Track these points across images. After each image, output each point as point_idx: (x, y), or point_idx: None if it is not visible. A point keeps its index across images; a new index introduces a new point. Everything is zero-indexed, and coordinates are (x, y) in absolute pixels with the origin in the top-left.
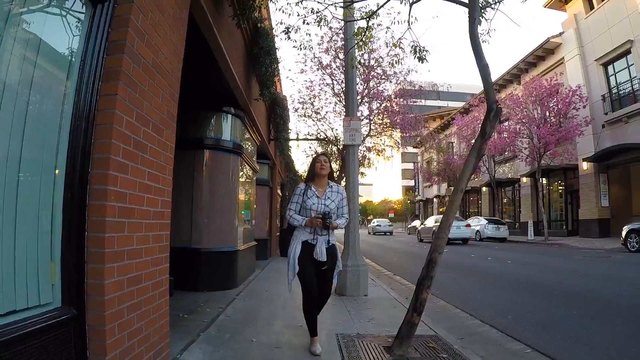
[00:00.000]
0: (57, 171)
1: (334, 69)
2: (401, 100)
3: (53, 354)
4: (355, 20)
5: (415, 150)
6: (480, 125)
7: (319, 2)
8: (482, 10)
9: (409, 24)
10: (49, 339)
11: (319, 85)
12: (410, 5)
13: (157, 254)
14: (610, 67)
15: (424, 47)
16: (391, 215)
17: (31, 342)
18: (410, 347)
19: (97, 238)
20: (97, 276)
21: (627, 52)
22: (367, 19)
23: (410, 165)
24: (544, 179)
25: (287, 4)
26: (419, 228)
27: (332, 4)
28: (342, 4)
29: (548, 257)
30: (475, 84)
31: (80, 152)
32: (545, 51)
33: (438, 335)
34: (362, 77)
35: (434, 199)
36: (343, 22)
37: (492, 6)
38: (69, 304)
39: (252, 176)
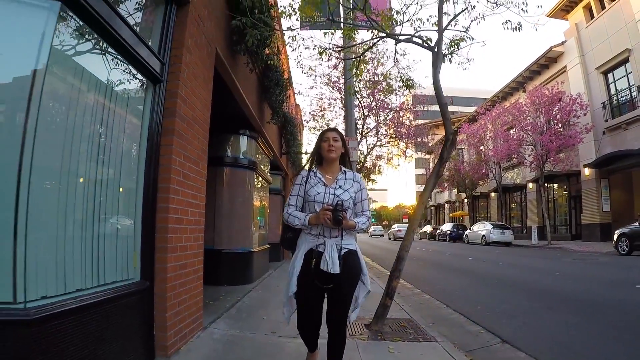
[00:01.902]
0: (137, 194)
1: (342, 84)
2: (408, 111)
3: (135, 309)
4: (350, 58)
5: (428, 156)
6: (484, 133)
7: (319, 47)
8: (446, 57)
9: (395, 61)
10: (134, 300)
11: (329, 99)
12: (395, 45)
13: (196, 250)
14: (610, 75)
15: (410, 77)
16: (405, 220)
17: (124, 300)
18: (385, 325)
19: (162, 237)
20: (162, 262)
21: (626, 61)
22: (358, 58)
23: (423, 171)
24: (548, 184)
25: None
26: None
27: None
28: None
29: (539, 260)
30: (487, 89)
31: (152, 181)
32: (548, 60)
33: (412, 319)
34: (369, 91)
35: (445, 205)
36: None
37: (455, 53)
38: (144, 278)
39: (265, 186)
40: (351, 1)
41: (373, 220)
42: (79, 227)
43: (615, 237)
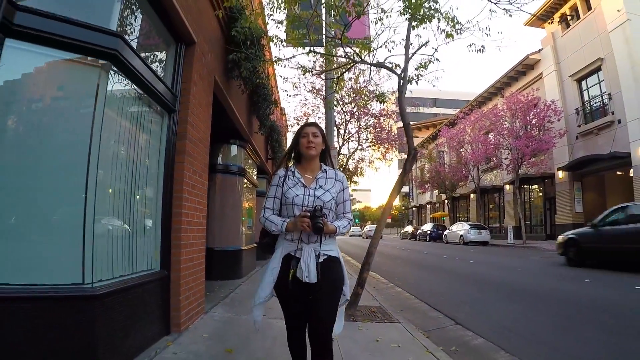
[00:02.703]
0: (157, 202)
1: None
2: (388, 117)
3: (157, 292)
4: (330, 78)
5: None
6: (463, 137)
7: (303, 67)
8: (411, 81)
9: (370, 79)
10: (156, 285)
11: (312, 105)
12: (370, 68)
13: (200, 246)
14: (583, 83)
15: (383, 92)
16: (389, 220)
17: (150, 285)
18: (358, 311)
19: (176, 236)
20: (176, 256)
21: (598, 69)
22: (336, 78)
23: None
24: (524, 186)
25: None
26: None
27: (311, 70)
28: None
29: (508, 258)
30: (471, 91)
31: (168, 191)
32: (525, 67)
33: (382, 306)
34: (350, 98)
35: (427, 205)
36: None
37: (421, 76)
38: (163, 268)
39: (253, 190)
40: (333, 31)
41: (357, 220)
42: (120, 228)
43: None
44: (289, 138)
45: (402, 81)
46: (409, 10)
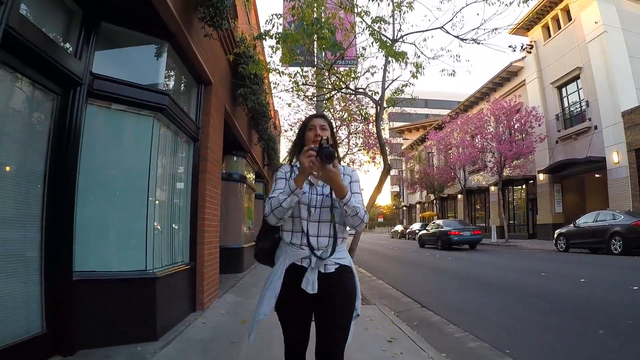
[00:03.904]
0: (187, 209)
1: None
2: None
3: (186, 279)
4: (321, 100)
5: (401, 158)
6: (449, 140)
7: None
8: (387, 107)
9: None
10: (186, 273)
11: (305, 111)
12: (355, 95)
13: (215, 244)
14: (563, 90)
15: (367, 113)
16: (380, 220)
17: (183, 273)
18: None
19: (200, 235)
20: (200, 251)
21: (577, 77)
22: (326, 100)
23: (396, 172)
24: (508, 187)
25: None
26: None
27: (305, 94)
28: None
29: (485, 255)
30: (463, 92)
31: (194, 201)
32: (509, 73)
33: (364, 294)
34: (340, 107)
35: (417, 205)
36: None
37: (396, 103)
38: (191, 260)
39: (251, 193)
40: (322, 63)
41: None
42: (165, 230)
43: (555, 236)
44: (283, 143)
45: (378, 107)
46: (384, 50)
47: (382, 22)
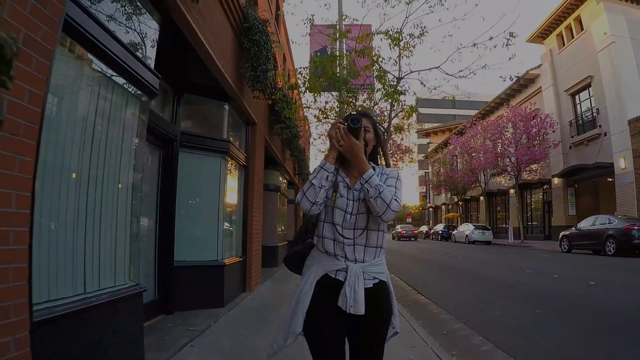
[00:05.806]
0: (240, 218)
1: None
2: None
3: (240, 268)
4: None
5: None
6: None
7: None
8: (392, 134)
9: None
10: (240, 264)
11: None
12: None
13: (259, 242)
14: (576, 97)
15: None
16: (409, 220)
17: (238, 263)
18: None
19: (249, 236)
20: (249, 248)
21: (589, 85)
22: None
23: (423, 173)
24: (526, 190)
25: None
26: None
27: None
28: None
29: (495, 255)
30: (489, 93)
31: (245, 211)
32: (527, 80)
33: None
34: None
35: (442, 206)
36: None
37: (400, 138)
38: (242, 255)
39: (284, 200)
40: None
41: None
42: (228, 231)
43: (560, 238)
44: (312, 153)
45: (385, 134)
46: (388, 98)
47: (387, 74)
